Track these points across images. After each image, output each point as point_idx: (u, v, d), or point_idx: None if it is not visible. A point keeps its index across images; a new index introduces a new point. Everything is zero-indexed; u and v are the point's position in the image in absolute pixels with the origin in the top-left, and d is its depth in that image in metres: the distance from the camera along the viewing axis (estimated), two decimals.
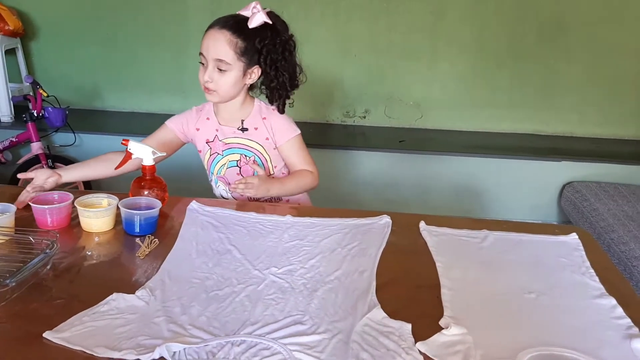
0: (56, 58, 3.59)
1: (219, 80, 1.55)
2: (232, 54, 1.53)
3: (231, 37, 1.53)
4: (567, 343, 0.96)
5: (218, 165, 1.70)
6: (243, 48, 1.53)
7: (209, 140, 1.69)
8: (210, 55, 1.54)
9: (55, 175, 1.52)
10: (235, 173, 1.68)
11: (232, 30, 1.53)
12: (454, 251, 1.29)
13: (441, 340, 0.95)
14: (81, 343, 0.90)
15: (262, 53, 1.55)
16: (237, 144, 1.67)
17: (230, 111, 1.66)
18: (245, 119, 1.66)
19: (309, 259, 1.23)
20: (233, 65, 1.54)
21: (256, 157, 1.67)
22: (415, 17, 3.34)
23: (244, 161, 1.67)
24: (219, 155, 1.69)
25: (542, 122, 3.49)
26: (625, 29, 3.26)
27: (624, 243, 2.26)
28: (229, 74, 1.55)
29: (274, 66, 1.57)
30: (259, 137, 1.66)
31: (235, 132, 1.66)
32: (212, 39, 1.54)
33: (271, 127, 1.66)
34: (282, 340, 0.93)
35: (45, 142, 3.04)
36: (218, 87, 1.56)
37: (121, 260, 1.22)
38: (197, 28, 3.39)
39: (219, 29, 1.54)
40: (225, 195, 1.72)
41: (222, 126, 1.67)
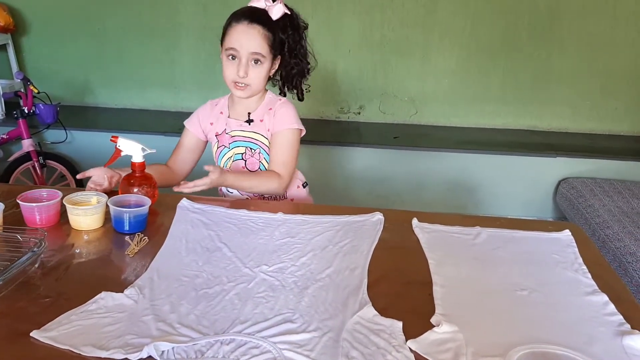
0: (47, 54, 3.56)
1: (253, 74, 1.57)
2: (266, 48, 1.56)
3: (263, 31, 1.55)
4: (559, 340, 0.96)
5: (224, 158, 1.70)
6: (272, 41, 1.56)
7: (218, 133, 1.69)
8: (246, 50, 1.54)
9: (116, 174, 1.50)
10: (240, 166, 1.68)
11: (262, 24, 1.55)
12: (446, 248, 1.29)
13: (432, 338, 0.94)
14: (68, 342, 0.89)
15: (285, 43, 1.59)
16: (243, 136, 1.67)
17: (246, 104, 1.67)
18: (254, 111, 1.66)
19: (300, 256, 1.22)
20: (267, 57, 1.57)
21: (261, 150, 1.66)
22: (407, 11, 3.33)
23: (249, 154, 1.66)
24: (226, 148, 1.69)
25: (536, 117, 3.49)
26: (619, 23, 3.26)
27: (618, 239, 2.26)
28: (263, 67, 1.58)
29: (294, 54, 1.61)
30: (263, 129, 1.66)
31: (242, 124, 1.66)
32: (245, 33, 1.54)
33: (274, 115, 1.65)
34: (272, 339, 0.92)
35: (37, 139, 3.02)
36: (252, 81, 1.58)
37: (110, 259, 1.21)
38: (188, 22, 3.43)
39: (249, 23, 1.54)
40: (231, 190, 1.70)
41: (231, 119, 1.68)
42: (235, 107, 1.69)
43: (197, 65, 3.52)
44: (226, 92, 3.79)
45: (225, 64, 1.58)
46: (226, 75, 1.59)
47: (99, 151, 1.95)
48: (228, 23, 1.58)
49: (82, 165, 3.15)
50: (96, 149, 2.90)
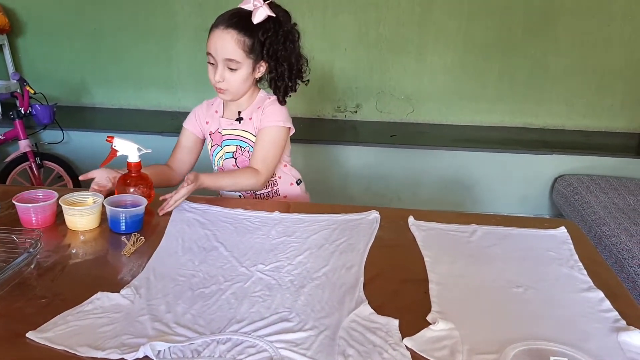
0: (43, 54, 3.56)
1: (230, 79, 1.57)
2: (240, 53, 1.54)
3: (238, 36, 1.53)
4: (555, 336, 0.96)
5: (217, 156, 1.71)
6: (250, 45, 1.54)
7: (212, 132, 1.71)
8: (220, 56, 1.54)
9: (119, 174, 1.48)
10: (231, 165, 1.69)
11: (238, 28, 1.53)
12: (442, 246, 1.29)
13: (428, 336, 0.94)
14: (64, 343, 0.89)
15: (264, 45, 1.56)
16: (234, 135, 1.68)
17: (238, 104, 1.67)
18: (244, 110, 1.67)
19: (296, 255, 1.22)
20: (243, 63, 1.56)
21: (250, 148, 1.66)
22: (403, 9, 3.33)
23: (239, 152, 1.67)
24: (218, 147, 1.70)
25: (532, 114, 3.50)
26: (613, 21, 3.27)
27: (614, 236, 2.27)
28: (239, 72, 1.57)
29: (275, 57, 1.59)
30: (251, 127, 1.66)
31: (233, 123, 1.67)
32: (219, 39, 1.54)
33: (262, 113, 1.64)
34: (269, 338, 0.92)
35: (33, 140, 3.02)
36: (230, 86, 1.58)
37: (106, 259, 1.21)
38: (184, 21, 3.43)
39: (224, 28, 1.53)
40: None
41: (223, 118, 1.69)
42: (228, 107, 1.70)
43: (194, 65, 3.52)
44: None
45: (208, 68, 1.60)
46: (209, 78, 1.60)
47: (95, 151, 1.95)
48: (210, 27, 1.58)
49: (79, 166, 3.15)
50: (93, 149, 2.91)
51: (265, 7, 1.53)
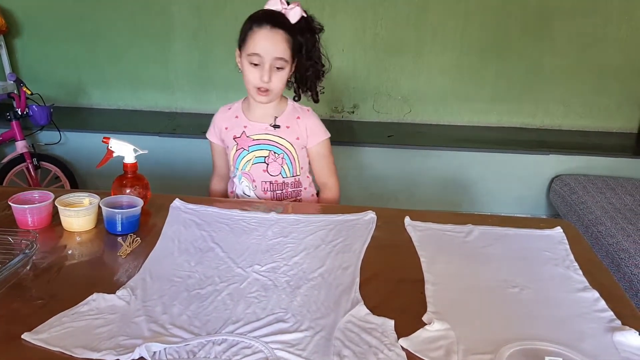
0: (40, 55, 3.55)
1: (275, 79, 1.57)
2: (289, 52, 1.56)
3: (285, 36, 1.54)
4: (550, 336, 0.96)
5: (243, 160, 1.69)
6: (293, 44, 1.56)
7: (236, 137, 1.69)
8: (270, 55, 1.54)
9: None
10: (261, 170, 1.68)
11: (284, 28, 1.54)
12: (438, 246, 1.29)
13: (424, 336, 0.94)
14: (60, 344, 0.89)
15: (303, 46, 1.59)
16: (267, 140, 1.67)
17: (265, 108, 1.67)
18: (279, 117, 1.67)
19: (292, 256, 1.23)
20: (288, 63, 1.57)
21: (285, 155, 1.67)
22: (400, 10, 3.33)
23: (272, 157, 1.67)
24: (245, 151, 1.68)
25: (529, 115, 3.50)
26: (610, 21, 3.28)
27: (611, 235, 2.27)
28: (284, 71, 1.58)
29: (309, 55, 1.61)
30: (290, 136, 1.67)
31: (267, 128, 1.67)
32: (269, 38, 1.53)
33: (305, 127, 1.68)
34: (264, 339, 0.92)
35: (30, 141, 3.01)
36: (274, 87, 1.58)
37: (102, 260, 1.21)
38: (181, 23, 3.42)
39: (271, 28, 1.53)
40: (247, 192, 1.70)
41: (252, 122, 1.68)
42: (253, 111, 1.69)
43: (191, 66, 3.52)
44: (219, 93, 3.79)
45: (248, 69, 1.57)
46: (249, 80, 1.58)
47: (93, 152, 1.94)
48: (248, 27, 1.56)
49: (76, 167, 3.15)
50: (90, 150, 2.90)
51: (298, 7, 1.56)
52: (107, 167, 1.47)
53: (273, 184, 1.68)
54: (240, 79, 1.58)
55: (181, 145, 3.10)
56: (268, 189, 1.68)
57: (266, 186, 1.68)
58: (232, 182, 1.75)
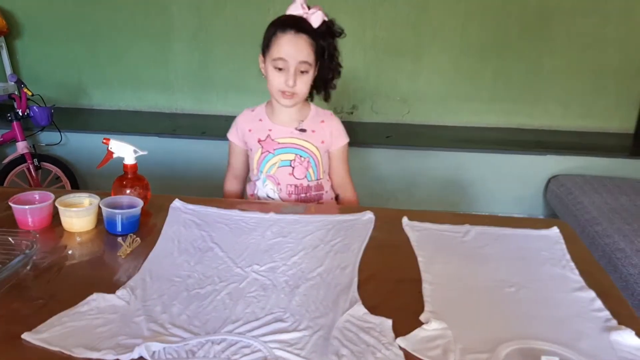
0: (41, 56, 3.56)
1: (300, 83, 1.59)
2: (313, 56, 1.58)
3: (309, 40, 1.57)
4: (547, 336, 0.97)
5: (268, 164, 1.70)
6: (316, 48, 1.58)
7: (261, 140, 1.69)
8: (295, 60, 1.56)
9: None
10: (287, 173, 1.69)
11: (307, 33, 1.57)
12: (435, 246, 1.30)
13: (421, 335, 0.95)
14: (60, 344, 0.89)
15: (325, 50, 1.61)
16: (293, 143, 1.68)
17: (289, 112, 1.68)
18: (304, 120, 1.69)
19: (291, 255, 1.23)
20: (312, 67, 1.59)
21: (310, 159, 1.69)
22: (399, 11, 3.34)
23: (298, 161, 1.68)
24: (270, 154, 1.69)
25: (527, 115, 3.51)
26: (608, 21, 3.28)
27: (607, 236, 2.28)
28: (308, 75, 1.60)
29: (331, 59, 1.64)
30: (315, 140, 1.69)
31: (293, 132, 1.68)
32: (293, 43, 1.56)
33: (330, 131, 1.71)
34: (263, 338, 0.93)
35: (31, 142, 3.02)
36: (299, 90, 1.60)
37: (103, 260, 1.21)
38: (181, 23, 3.43)
39: (295, 32, 1.56)
40: (271, 195, 1.71)
41: (277, 125, 1.69)
42: (277, 115, 1.70)
43: (192, 66, 3.53)
44: (220, 94, 3.80)
45: (273, 74, 1.59)
46: (274, 84, 1.60)
47: (93, 153, 1.95)
48: (272, 33, 1.58)
49: (77, 167, 3.16)
50: (91, 151, 2.91)
51: (320, 11, 1.58)
52: (108, 168, 1.48)
53: (298, 187, 1.70)
54: (240, 80, 1.61)
55: (181, 145, 3.11)
56: (293, 192, 1.70)
57: (291, 189, 1.70)
58: (253, 184, 1.75)
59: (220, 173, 3.06)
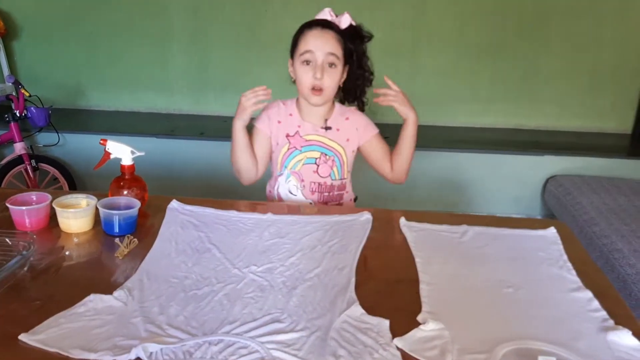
0: (38, 57, 3.56)
1: (328, 78, 1.59)
2: (340, 51, 1.59)
3: (336, 35, 1.58)
4: (544, 336, 0.97)
5: (294, 160, 1.69)
6: (344, 47, 1.60)
7: (289, 135, 1.69)
8: (322, 51, 1.57)
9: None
10: (311, 171, 1.69)
11: (334, 30, 1.59)
12: (433, 246, 1.30)
13: (418, 336, 0.95)
14: (57, 345, 0.89)
15: (354, 53, 1.63)
16: (318, 141, 1.69)
17: (316, 112, 1.69)
18: (329, 119, 1.69)
19: (289, 256, 1.23)
20: (340, 61, 1.60)
21: (335, 157, 1.69)
22: (396, 12, 3.34)
23: (323, 159, 1.68)
24: (297, 151, 1.69)
25: (524, 116, 3.52)
26: (605, 22, 3.29)
27: (605, 236, 2.28)
28: (337, 70, 1.60)
29: (359, 63, 1.66)
30: (340, 138, 1.69)
31: (318, 130, 1.69)
32: (320, 36, 1.58)
33: (355, 126, 1.71)
34: (260, 339, 0.93)
35: (29, 142, 3.02)
36: (327, 86, 1.60)
37: (100, 261, 1.21)
38: (179, 24, 3.43)
39: (322, 28, 1.58)
40: (293, 191, 1.71)
41: (305, 122, 1.69)
42: (307, 112, 1.70)
43: (189, 67, 3.53)
44: (217, 95, 3.79)
45: (301, 70, 1.60)
46: (303, 81, 1.60)
47: (91, 154, 1.95)
48: (299, 32, 1.61)
49: (74, 168, 3.15)
50: (88, 152, 2.90)
51: (347, 14, 1.61)
52: (105, 169, 1.48)
53: (322, 185, 1.70)
54: (238, 81, 1.60)
55: (179, 146, 3.11)
56: (316, 190, 1.70)
57: (314, 187, 1.70)
58: (274, 180, 1.74)
59: (218, 174, 3.07)
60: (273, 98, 1.70)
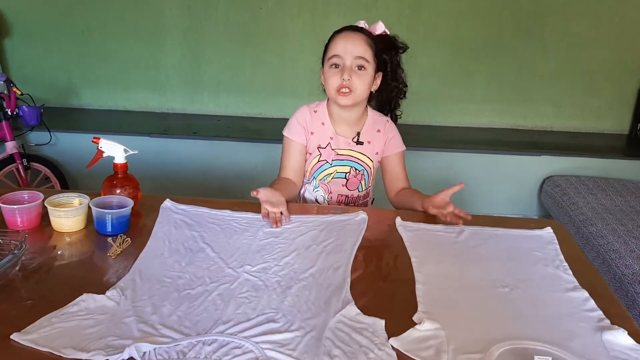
0: (30, 55, 3.53)
1: (357, 80, 1.57)
2: (370, 53, 1.57)
3: (365, 38, 1.57)
4: (540, 335, 0.97)
5: (324, 173, 1.68)
6: (375, 51, 1.58)
7: (321, 146, 1.67)
8: (350, 54, 1.55)
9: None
10: (341, 184, 1.68)
11: (364, 34, 1.58)
12: (429, 246, 1.30)
13: (414, 336, 0.95)
14: (49, 344, 0.89)
15: (387, 61, 1.63)
16: (349, 156, 1.67)
17: (348, 120, 1.67)
18: (361, 131, 1.67)
19: (283, 256, 1.23)
20: (370, 64, 1.58)
21: (364, 172, 1.69)
22: (392, 11, 3.34)
23: (353, 174, 1.67)
24: (327, 164, 1.67)
25: (521, 116, 3.52)
26: (601, 22, 3.29)
27: (602, 236, 2.29)
28: (366, 73, 1.58)
29: (392, 71, 1.65)
30: (370, 152, 1.69)
31: (350, 143, 1.67)
32: (350, 38, 1.57)
33: (386, 140, 1.70)
34: (254, 339, 0.92)
35: (20, 141, 2.99)
36: (355, 87, 1.57)
37: (92, 260, 1.20)
38: (172, 23, 3.42)
39: (352, 31, 1.58)
40: (320, 200, 1.71)
41: (338, 136, 1.66)
42: (337, 122, 1.67)
43: (182, 66, 3.51)
44: (211, 94, 3.77)
45: (329, 73, 1.59)
46: (330, 83, 1.58)
47: (83, 153, 1.94)
48: (330, 39, 1.60)
49: (66, 167, 3.13)
50: (81, 151, 2.89)
51: (381, 22, 1.62)
52: (97, 168, 1.46)
53: (348, 197, 1.70)
54: (232, 80, 1.59)
55: (172, 145, 3.09)
56: (342, 202, 1.70)
57: (341, 199, 1.70)
58: (302, 185, 1.72)
59: (211, 173, 3.06)
60: (269, 95, 1.70)
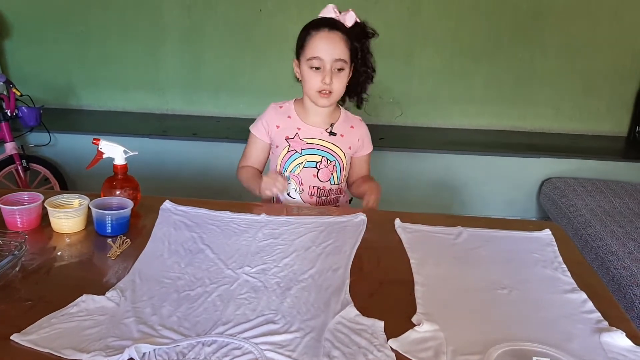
0: (29, 56, 3.53)
1: (337, 82, 1.58)
2: (348, 53, 1.58)
3: (343, 37, 1.57)
4: (538, 337, 0.97)
5: (294, 163, 1.68)
6: (351, 47, 1.58)
7: (289, 137, 1.68)
8: (330, 57, 1.56)
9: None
10: (311, 174, 1.68)
11: (341, 31, 1.57)
12: (428, 248, 1.30)
13: (413, 337, 0.95)
14: (49, 345, 0.89)
15: (358, 49, 1.61)
16: (321, 145, 1.67)
17: (321, 114, 1.68)
18: (335, 123, 1.68)
19: (282, 257, 1.23)
20: (348, 63, 1.59)
21: (337, 163, 1.69)
22: (391, 13, 3.34)
23: (324, 164, 1.67)
24: (297, 154, 1.68)
25: (520, 117, 3.52)
26: (600, 24, 3.30)
27: (600, 238, 2.29)
28: (344, 73, 1.59)
29: (364, 61, 1.64)
30: (343, 145, 1.69)
31: (323, 133, 1.68)
32: (329, 40, 1.56)
33: (358, 138, 1.72)
34: (254, 340, 0.93)
35: (20, 142, 2.99)
36: (335, 89, 1.59)
37: (92, 261, 1.20)
38: (171, 23, 3.42)
39: (329, 30, 1.57)
40: (292, 194, 1.70)
41: (308, 125, 1.68)
42: (308, 115, 1.69)
43: (182, 67, 3.51)
44: (210, 95, 3.77)
45: (309, 74, 1.59)
46: (310, 85, 1.59)
47: (82, 154, 1.94)
48: (306, 34, 1.59)
49: (65, 168, 3.13)
50: (80, 152, 2.89)
51: (352, 12, 1.60)
52: (97, 169, 1.46)
53: (321, 189, 1.69)
54: (232, 81, 1.59)
55: (171, 146, 3.09)
56: (315, 194, 1.69)
57: (313, 191, 1.69)
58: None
59: (211, 174, 3.06)
60: (268, 97, 1.70)
